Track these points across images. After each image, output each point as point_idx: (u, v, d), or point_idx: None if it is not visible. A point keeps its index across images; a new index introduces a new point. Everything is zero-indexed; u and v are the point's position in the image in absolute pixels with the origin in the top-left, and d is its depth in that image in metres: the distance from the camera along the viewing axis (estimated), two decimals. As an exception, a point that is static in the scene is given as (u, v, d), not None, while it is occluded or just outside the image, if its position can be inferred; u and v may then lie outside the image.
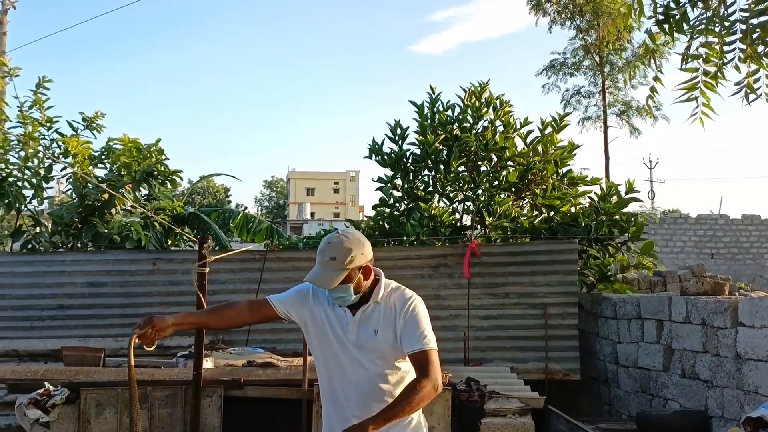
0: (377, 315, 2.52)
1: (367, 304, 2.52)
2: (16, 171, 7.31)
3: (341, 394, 2.55)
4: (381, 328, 2.50)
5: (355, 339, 2.52)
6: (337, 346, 2.54)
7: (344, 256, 2.43)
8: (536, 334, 5.53)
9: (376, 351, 2.50)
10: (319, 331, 2.59)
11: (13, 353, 5.25)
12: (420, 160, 7.69)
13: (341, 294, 2.48)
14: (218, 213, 8.66)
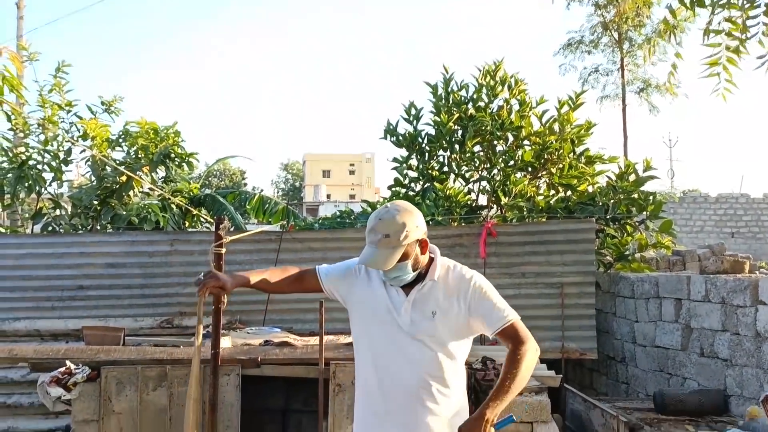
0: (435, 295, 2.34)
1: (423, 282, 2.33)
2: (36, 154, 7.39)
3: (385, 381, 2.38)
4: (440, 309, 2.32)
5: (408, 321, 2.34)
6: (386, 329, 2.37)
7: (399, 231, 2.23)
8: (553, 313, 5.51)
9: (432, 334, 2.32)
10: (367, 313, 2.43)
11: (35, 333, 5.34)
12: (435, 140, 7.65)
13: (398, 273, 2.28)
14: (234, 195, 8.69)
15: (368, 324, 2.42)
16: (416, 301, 2.33)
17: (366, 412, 2.46)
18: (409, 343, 2.32)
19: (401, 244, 2.22)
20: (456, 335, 2.33)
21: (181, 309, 5.50)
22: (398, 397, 2.34)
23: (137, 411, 3.86)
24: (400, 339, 2.33)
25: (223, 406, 3.90)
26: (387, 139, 7.91)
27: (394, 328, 2.33)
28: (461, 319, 2.30)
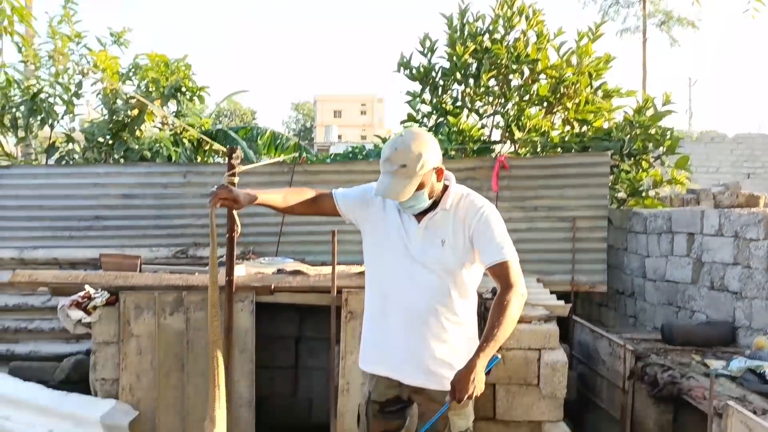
0: (446, 223, 2.35)
1: (435, 211, 2.35)
2: (47, 87, 7.36)
3: (393, 307, 2.42)
4: (449, 238, 2.32)
5: (419, 248, 2.34)
6: (397, 255, 2.38)
7: (415, 161, 2.21)
8: (564, 247, 5.53)
9: (441, 262, 2.34)
10: (379, 239, 2.44)
11: (53, 261, 5.45)
12: (449, 73, 7.51)
13: (413, 203, 2.28)
14: (246, 131, 8.66)
15: (380, 250, 2.45)
16: (427, 229, 2.35)
17: (373, 335, 2.54)
18: (418, 269, 2.35)
19: (417, 173, 2.21)
20: (464, 264, 2.35)
21: (195, 240, 5.57)
22: (405, 322, 2.39)
23: (155, 334, 3.97)
24: (410, 265, 2.36)
25: (238, 331, 3.99)
26: (400, 72, 7.78)
27: (405, 255, 2.36)
28: (467, 247, 2.33)
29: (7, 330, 5.52)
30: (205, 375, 3.96)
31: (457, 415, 2.43)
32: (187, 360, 3.98)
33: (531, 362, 3.96)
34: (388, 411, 2.57)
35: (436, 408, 2.42)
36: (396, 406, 2.57)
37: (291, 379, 5.12)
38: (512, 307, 2.24)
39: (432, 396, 2.44)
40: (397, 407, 2.57)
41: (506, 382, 3.99)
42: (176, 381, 3.99)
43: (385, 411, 2.57)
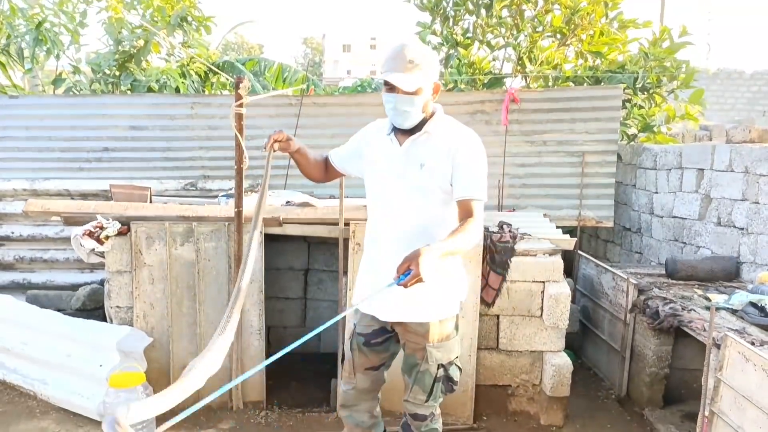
0: (427, 147, 2.35)
1: (419, 133, 2.36)
2: (51, 16, 7.25)
3: (383, 231, 2.47)
4: (429, 162, 2.33)
5: (401, 171, 2.37)
6: (383, 179, 2.43)
7: (423, 61, 2.23)
8: (572, 182, 5.52)
9: (420, 185, 2.35)
10: (371, 169, 2.50)
11: (64, 193, 5.51)
12: (460, 3, 7.33)
13: (409, 107, 2.28)
14: (253, 62, 8.54)
15: (372, 179, 2.52)
16: (408, 151, 2.37)
17: (366, 259, 2.61)
18: (401, 192, 2.39)
19: (423, 73, 2.24)
20: (444, 189, 2.36)
21: (204, 172, 5.59)
22: (391, 244, 2.43)
23: (167, 264, 4.05)
24: (394, 188, 2.41)
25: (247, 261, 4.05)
26: (410, 2, 7.60)
27: (390, 178, 2.41)
28: (447, 175, 2.34)
29: (23, 260, 5.64)
30: (215, 303, 4.08)
31: (436, 348, 2.48)
32: (198, 289, 4.06)
33: (535, 294, 4.04)
34: (373, 343, 2.62)
35: (415, 340, 2.50)
36: (381, 337, 2.61)
37: (300, 309, 5.25)
38: (472, 230, 2.23)
39: (413, 328, 2.50)
40: (382, 338, 2.61)
41: (510, 313, 4.07)
42: (188, 309, 4.09)
43: (370, 343, 2.62)
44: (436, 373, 2.51)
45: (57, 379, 4.23)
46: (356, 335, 2.67)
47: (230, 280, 4.05)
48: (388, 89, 2.31)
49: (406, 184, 2.36)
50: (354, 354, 2.68)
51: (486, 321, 4.10)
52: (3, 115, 5.65)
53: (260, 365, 1.97)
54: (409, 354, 2.58)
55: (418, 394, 2.56)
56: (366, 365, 2.66)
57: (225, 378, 4.10)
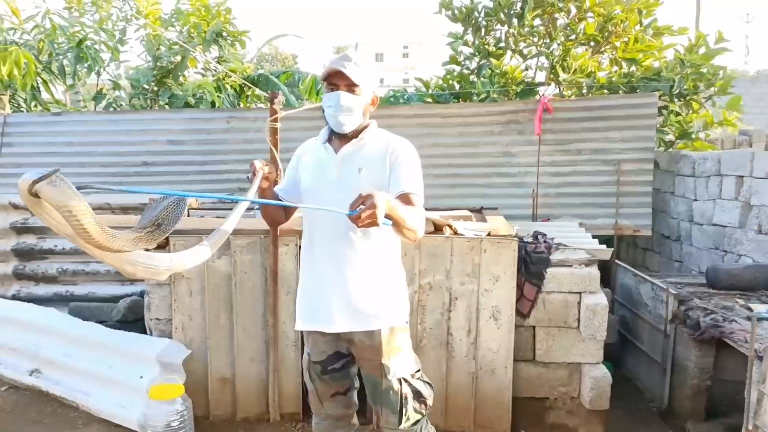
0: (363, 153, 2.43)
1: (355, 140, 2.44)
2: (92, 34, 7.47)
3: (318, 236, 2.47)
4: (366, 167, 2.39)
5: (336, 176, 2.42)
6: (319, 188, 2.45)
7: (365, 68, 2.39)
8: (608, 191, 5.45)
9: (357, 190, 2.19)
10: (306, 185, 2.52)
11: (105, 206, 5.64)
12: (492, 13, 7.31)
13: (352, 105, 2.35)
14: (287, 75, 8.66)
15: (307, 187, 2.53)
16: (345, 157, 2.43)
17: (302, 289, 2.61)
18: (337, 196, 2.29)
19: (366, 77, 2.38)
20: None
21: (239, 185, 5.68)
22: (326, 259, 2.45)
23: (204, 276, 4.12)
24: (330, 193, 2.39)
25: (283, 273, 4.10)
26: (442, 13, 7.61)
27: (326, 184, 2.44)
28: (384, 178, 2.38)
29: (66, 272, 5.79)
30: (252, 316, 4.13)
31: (392, 361, 2.44)
32: (235, 301, 4.12)
33: (571, 305, 3.99)
34: (330, 369, 2.57)
35: (369, 356, 2.44)
36: (337, 362, 2.56)
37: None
38: (415, 210, 2.23)
39: (363, 342, 2.45)
40: (339, 364, 2.57)
41: (546, 324, 4.03)
42: (225, 321, 4.15)
43: (328, 371, 2.58)
44: (400, 389, 2.44)
45: (99, 391, 4.32)
46: (312, 364, 2.61)
47: (266, 293, 4.10)
48: (331, 89, 2.39)
49: (343, 187, 2.34)
50: (315, 384, 2.63)
51: (522, 332, 4.06)
52: (47, 132, 5.83)
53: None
54: (367, 374, 2.52)
55: (390, 417, 2.47)
56: (331, 392, 2.61)
57: (262, 389, 4.15)
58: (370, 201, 1.91)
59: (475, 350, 3.98)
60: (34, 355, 4.72)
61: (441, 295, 3.91)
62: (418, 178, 2.39)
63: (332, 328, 2.47)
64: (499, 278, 3.93)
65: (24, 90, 6.54)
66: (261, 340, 4.14)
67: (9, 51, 6.15)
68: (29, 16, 7.38)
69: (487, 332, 3.97)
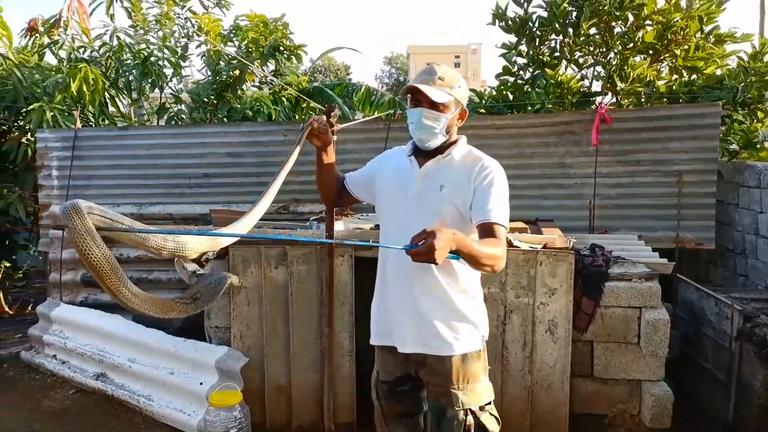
0: (448, 170, 2.31)
1: (440, 156, 2.34)
2: (156, 51, 7.76)
3: (390, 264, 2.39)
4: (449, 185, 2.28)
5: (418, 191, 2.32)
6: (398, 200, 2.37)
7: (452, 81, 2.26)
8: (668, 202, 5.30)
9: (436, 208, 2.27)
10: (385, 194, 2.45)
11: (168, 217, 5.84)
12: (547, 23, 7.24)
13: (434, 124, 2.26)
14: (341, 87, 8.78)
15: (386, 199, 2.47)
16: (429, 173, 2.33)
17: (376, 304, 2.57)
18: (417, 212, 2.30)
19: (451, 93, 2.26)
20: (462, 212, 2.27)
21: (295, 196, 5.78)
22: (400, 278, 2.36)
23: (261, 286, 4.21)
24: (410, 209, 2.33)
25: (339, 284, 4.15)
26: (495, 24, 7.58)
27: (406, 199, 2.35)
28: (468, 200, 2.25)
29: (131, 280, 6.00)
30: (307, 326, 4.19)
31: (462, 391, 2.31)
32: (291, 311, 4.19)
33: (631, 320, 3.91)
34: (399, 391, 2.51)
35: (438, 381, 2.34)
36: (406, 384, 2.49)
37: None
38: (498, 249, 2.06)
39: (432, 367, 2.36)
40: (407, 386, 2.49)
41: (604, 339, 3.96)
42: (282, 330, 4.22)
43: (395, 391, 2.51)
44: (464, 421, 2.29)
45: (160, 396, 4.46)
46: (380, 383, 2.57)
47: (321, 304, 4.16)
48: (414, 104, 2.30)
49: (424, 205, 2.29)
50: (381, 402, 2.58)
51: (579, 347, 4.00)
52: (114, 145, 6.08)
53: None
54: (433, 400, 2.41)
55: None
56: (396, 412, 2.55)
57: (317, 398, 4.20)
58: (431, 240, 1.82)
59: (531, 364, 3.94)
60: (100, 359, 4.91)
61: (495, 307, 3.89)
62: (504, 205, 2.23)
63: (403, 347, 2.39)
64: (556, 291, 3.88)
65: (92, 105, 6.83)
66: (316, 350, 4.20)
67: (79, 68, 6.44)
68: (98, 35, 7.73)
69: (543, 346, 3.92)
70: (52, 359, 5.32)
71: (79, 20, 7.19)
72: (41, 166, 6.16)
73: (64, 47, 7.58)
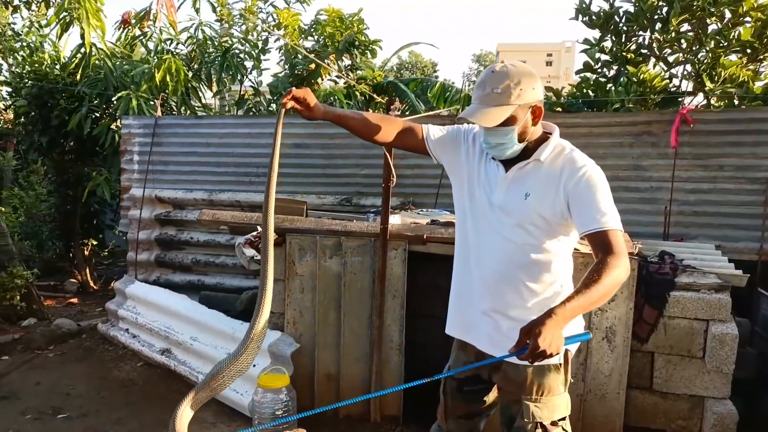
0: (535, 176, 2.10)
1: (527, 161, 2.11)
2: (237, 44, 8.01)
3: (472, 262, 2.23)
4: (535, 192, 2.08)
5: (501, 200, 2.13)
6: (481, 206, 2.19)
7: (512, 87, 1.98)
8: (753, 212, 4.92)
9: (521, 218, 2.10)
10: (466, 187, 2.26)
11: (236, 204, 6.01)
12: (633, 18, 6.91)
13: (501, 140, 2.05)
14: (417, 83, 8.75)
15: (464, 199, 2.27)
16: (514, 180, 2.12)
17: (454, 294, 2.37)
18: (497, 223, 2.14)
19: (511, 102, 1.98)
20: (550, 223, 2.08)
21: (358, 189, 5.80)
22: (481, 279, 2.20)
23: (316, 275, 4.25)
24: (490, 218, 2.16)
25: (391, 277, 4.14)
26: (578, 19, 7.32)
27: (488, 206, 2.17)
28: (558, 207, 2.05)
29: (199, 263, 6.24)
30: (359, 316, 4.19)
31: (535, 403, 2.17)
32: (343, 301, 4.21)
33: (696, 333, 3.67)
34: (467, 390, 2.39)
35: (511, 389, 2.21)
36: (476, 385, 2.37)
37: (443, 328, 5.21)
38: (614, 273, 1.86)
39: (507, 374, 2.22)
40: (476, 387, 2.37)
41: (666, 351, 3.74)
42: (333, 320, 4.25)
43: (463, 390, 2.40)
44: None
45: (216, 375, 4.59)
46: (449, 378, 2.44)
47: (373, 295, 4.15)
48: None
49: (509, 211, 2.12)
50: (447, 398, 2.48)
51: (639, 357, 3.79)
52: (189, 133, 6.31)
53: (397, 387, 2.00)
54: (504, 405, 2.30)
55: None
56: (458, 412, 2.44)
57: (365, 389, 4.20)
58: (534, 340, 1.72)
59: (585, 371, 3.77)
60: (166, 336, 5.13)
61: (549, 310, 3.74)
62: (610, 206, 2.00)
63: (480, 345, 2.28)
64: (615, 298, 3.69)
65: (175, 95, 7.13)
66: (366, 341, 4.20)
67: (163, 59, 6.73)
68: (184, 28, 8.08)
69: (599, 354, 3.75)
70: (124, 332, 5.61)
71: (167, 14, 7.52)
72: (125, 151, 6.49)
73: (152, 39, 7.95)
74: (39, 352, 5.52)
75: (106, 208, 8.19)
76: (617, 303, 3.68)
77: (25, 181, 9.13)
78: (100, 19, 6.95)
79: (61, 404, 4.51)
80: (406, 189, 5.43)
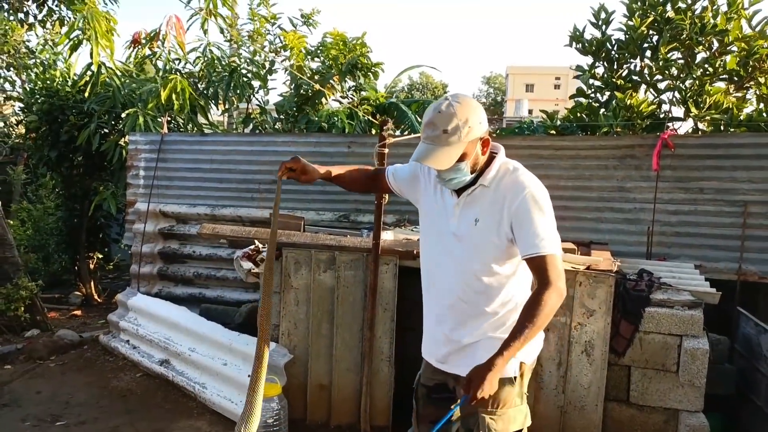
0: (482, 201, 2.17)
1: (474, 186, 2.19)
2: (245, 64, 8.27)
3: (432, 287, 2.39)
4: (483, 217, 2.15)
5: (455, 227, 2.22)
6: (437, 233, 2.31)
7: (460, 127, 2.03)
8: (732, 233, 5.10)
9: (473, 243, 2.18)
10: (426, 215, 2.41)
11: (237, 219, 6.23)
12: (624, 46, 7.16)
13: (454, 175, 2.13)
14: (418, 104, 8.98)
15: (425, 227, 2.43)
16: (464, 206, 2.21)
17: (425, 311, 2.50)
18: (452, 249, 2.23)
19: (461, 141, 2.04)
20: (499, 247, 2.16)
21: (356, 206, 6.01)
22: (441, 303, 2.34)
23: (310, 288, 4.44)
24: (446, 244, 2.26)
25: (382, 290, 4.32)
26: (572, 46, 7.57)
27: (443, 234, 2.27)
28: (503, 230, 2.13)
29: (200, 276, 6.45)
30: (351, 329, 4.38)
31: (490, 415, 2.23)
32: (336, 313, 4.40)
33: (670, 348, 3.84)
34: (435, 398, 2.49)
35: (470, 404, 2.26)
36: (443, 394, 2.46)
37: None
38: (546, 309, 1.99)
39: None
40: (444, 395, 2.45)
41: (642, 365, 3.91)
42: (326, 332, 4.44)
43: (431, 397, 2.50)
44: None
45: (213, 385, 4.78)
46: (420, 385, 2.57)
47: (365, 308, 4.34)
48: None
49: (461, 238, 2.21)
50: (418, 404, 2.59)
51: (616, 371, 3.97)
52: (194, 150, 6.55)
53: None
54: (464, 418, 2.34)
55: None
56: (431, 417, 2.47)
57: (356, 399, 4.37)
58: (474, 392, 1.98)
59: (565, 384, 3.95)
60: (165, 347, 5.31)
61: (530, 324, 3.92)
62: (548, 230, 2.05)
63: (441, 365, 2.41)
64: (594, 313, 3.88)
65: (180, 113, 7.39)
66: (358, 352, 4.38)
67: (169, 78, 7.00)
68: (192, 48, 8.35)
69: (579, 367, 3.93)
70: (125, 344, 5.79)
71: (176, 34, 7.79)
72: (131, 166, 6.73)
73: (161, 59, 8.23)
74: (41, 361, 5.70)
75: (112, 222, 8.41)
76: (596, 318, 3.87)
77: (34, 194, 9.38)
78: (110, 39, 7.22)
79: (61, 412, 4.67)
80: (401, 207, 5.64)
